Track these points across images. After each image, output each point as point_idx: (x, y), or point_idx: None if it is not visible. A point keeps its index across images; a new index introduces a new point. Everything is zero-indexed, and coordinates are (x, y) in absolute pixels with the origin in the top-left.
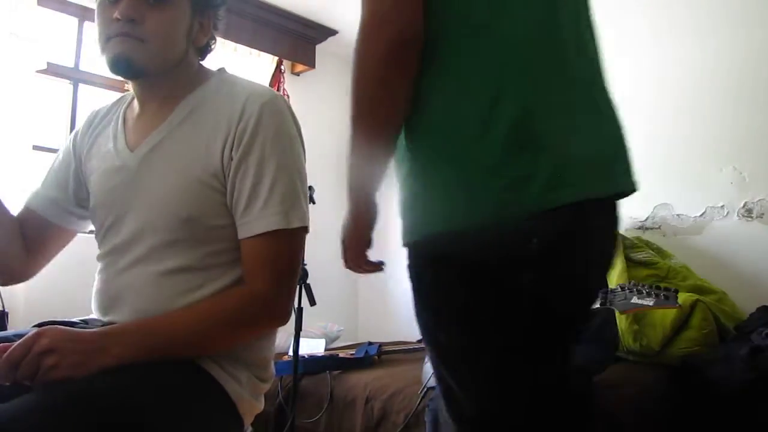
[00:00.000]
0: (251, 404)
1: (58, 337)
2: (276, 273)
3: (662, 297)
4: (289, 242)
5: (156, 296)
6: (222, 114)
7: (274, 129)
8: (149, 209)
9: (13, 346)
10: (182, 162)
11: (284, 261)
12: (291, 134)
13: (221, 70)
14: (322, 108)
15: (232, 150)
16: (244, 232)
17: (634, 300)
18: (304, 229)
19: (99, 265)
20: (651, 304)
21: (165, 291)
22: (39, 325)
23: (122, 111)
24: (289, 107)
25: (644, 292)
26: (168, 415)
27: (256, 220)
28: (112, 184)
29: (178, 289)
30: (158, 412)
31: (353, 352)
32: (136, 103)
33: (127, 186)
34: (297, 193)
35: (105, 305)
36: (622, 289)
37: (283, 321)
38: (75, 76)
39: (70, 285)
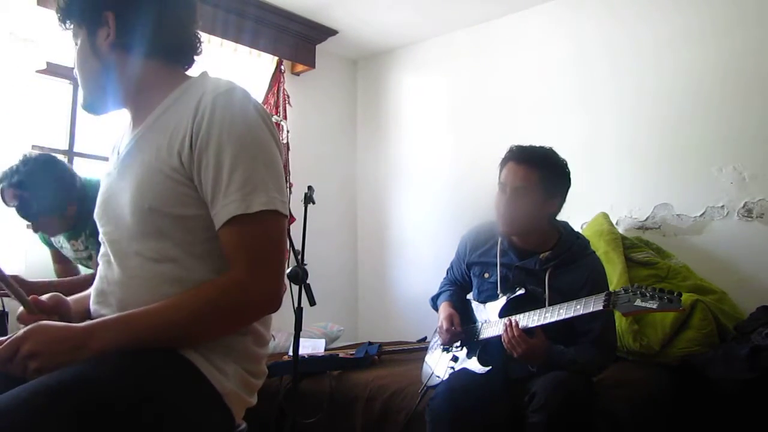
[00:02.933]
0: (240, 397)
1: (41, 341)
2: (250, 259)
3: (666, 300)
4: (255, 227)
5: (138, 288)
6: (184, 112)
7: (230, 118)
8: (123, 205)
9: (2, 346)
10: (148, 157)
11: (257, 246)
12: (249, 121)
13: (203, 74)
14: (322, 108)
15: (191, 145)
16: (216, 224)
17: (638, 303)
18: (274, 213)
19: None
20: (654, 307)
21: (147, 283)
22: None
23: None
24: (247, 93)
25: (648, 294)
26: (150, 406)
27: (220, 211)
28: (103, 189)
29: (157, 280)
30: (139, 403)
31: (353, 352)
32: None
33: (110, 186)
34: (259, 177)
35: (97, 301)
36: (626, 291)
37: (271, 307)
38: (75, 76)
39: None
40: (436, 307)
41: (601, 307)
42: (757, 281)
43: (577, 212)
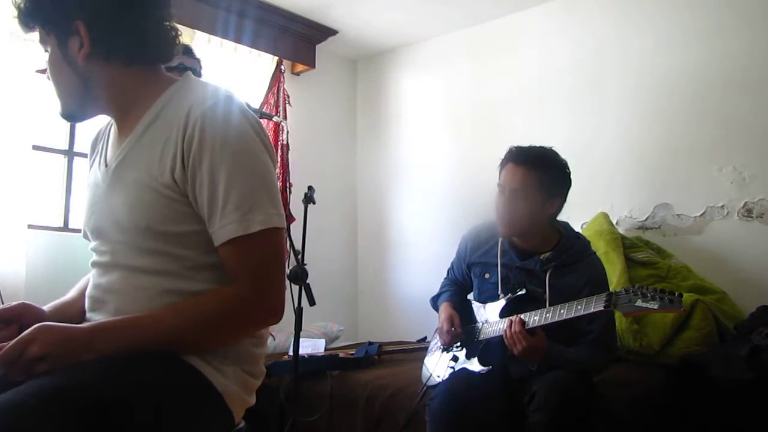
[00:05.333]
0: (240, 397)
1: (49, 342)
2: (252, 275)
3: (667, 301)
4: (255, 246)
5: (136, 298)
6: (172, 125)
7: (221, 134)
8: (117, 220)
9: (5, 348)
10: (140, 174)
11: (257, 263)
12: (242, 134)
13: (185, 76)
14: (322, 108)
15: (183, 162)
16: (214, 241)
17: (638, 303)
18: (272, 229)
19: (92, 272)
20: (656, 307)
21: (144, 292)
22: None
23: (109, 129)
24: (239, 104)
25: (648, 295)
26: (150, 406)
27: (218, 230)
28: (92, 199)
29: (155, 290)
30: (138, 404)
31: (353, 352)
32: None
33: (101, 199)
34: (256, 194)
35: (93, 308)
36: (626, 292)
37: (273, 319)
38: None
39: (69, 286)
40: (436, 308)
41: (602, 308)
42: (757, 281)
43: (577, 212)
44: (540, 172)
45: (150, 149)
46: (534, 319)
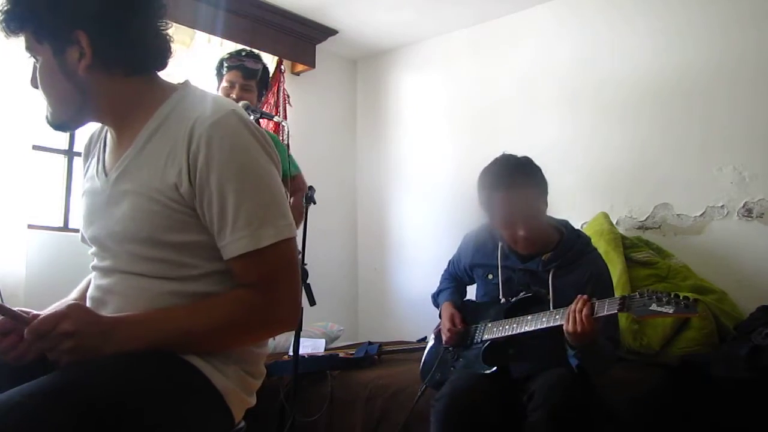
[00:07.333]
0: (240, 397)
1: (81, 320)
2: (266, 284)
3: (682, 305)
4: (267, 257)
5: (138, 300)
6: (176, 137)
7: (228, 148)
8: (117, 231)
9: (39, 319)
10: (141, 186)
11: (270, 274)
12: (248, 147)
13: (185, 84)
14: (322, 108)
15: (189, 177)
16: (224, 255)
17: (653, 307)
18: (283, 241)
19: (92, 274)
20: (671, 311)
21: (147, 294)
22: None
23: (105, 133)
24: (242, 117)
25: (664, 300)
26: (149, 406)
27: (229, 245)
28: (92, 207)
29: (157, 291)
30: (139, 403)
31: (353, 352)
32: None
33: (101, 208)
34: (266, 208)
35: (94, 308)
36: (641, 296)
37: (287, 327)
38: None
39: (69, 286)
40: (437, 304)
41: (615, 311)
42: (757, 281)
43: (577, 212)
44: (532, 184)
45: (152, 161)
46: (542, 320)
